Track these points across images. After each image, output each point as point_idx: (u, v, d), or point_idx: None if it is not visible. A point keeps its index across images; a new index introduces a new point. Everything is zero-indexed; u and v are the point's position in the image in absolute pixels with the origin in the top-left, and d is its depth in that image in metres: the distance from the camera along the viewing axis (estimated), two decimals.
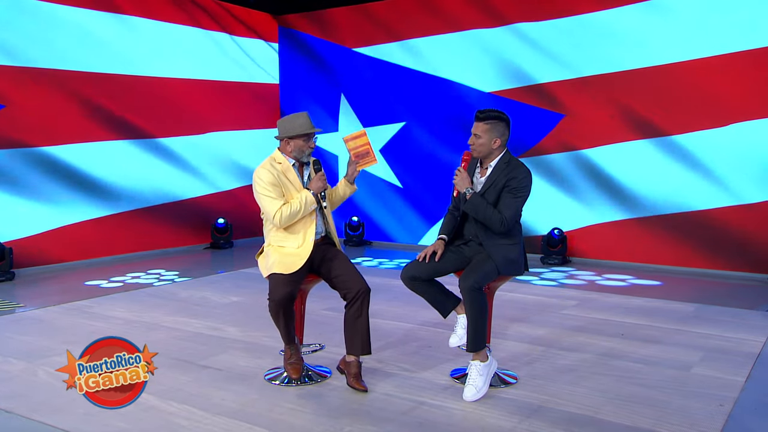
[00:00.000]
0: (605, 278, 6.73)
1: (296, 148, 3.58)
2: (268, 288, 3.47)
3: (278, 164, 3.59)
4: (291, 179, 3.58)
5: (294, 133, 3.54)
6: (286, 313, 3.41)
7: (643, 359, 4.03)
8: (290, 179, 3.58)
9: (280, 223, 3.49)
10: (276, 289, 3.39)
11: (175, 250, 8.39)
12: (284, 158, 3.60)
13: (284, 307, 3.38)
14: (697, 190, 6.94)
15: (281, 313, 3.40)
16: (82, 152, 7.42)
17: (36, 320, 5.00)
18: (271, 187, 3.51)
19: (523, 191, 3.44)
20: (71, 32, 7.29)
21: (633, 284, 6.45)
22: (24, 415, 3.20)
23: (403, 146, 8.77)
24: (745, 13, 6.56)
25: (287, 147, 3.59)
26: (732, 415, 3.19)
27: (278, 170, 3.56)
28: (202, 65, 8.70)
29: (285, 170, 3.58)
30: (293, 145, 3.57)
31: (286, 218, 3.48)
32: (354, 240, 8.95)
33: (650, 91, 7.09)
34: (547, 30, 7.60)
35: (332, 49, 9.21)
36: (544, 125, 7.70)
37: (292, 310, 3.45)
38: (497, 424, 3.09)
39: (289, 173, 3.58)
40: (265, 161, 3.61)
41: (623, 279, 6.69)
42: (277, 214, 3.47)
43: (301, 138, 3.56)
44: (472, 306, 3.34)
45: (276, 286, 3.40)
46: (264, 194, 3.51)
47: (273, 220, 3.50)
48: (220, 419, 3.14)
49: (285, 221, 3.49)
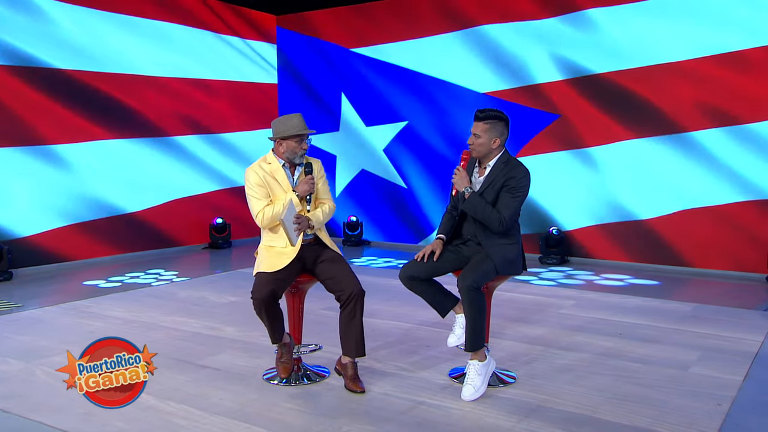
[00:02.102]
0: (603, 278, 6.74)
1: (288, 149, 3.59)
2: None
3: (267, 165, 3.61)
4: (279, 180, 3.60)
5: (286, 134, 3.55)
6: (269, 311, 3.40)
7: (641, 359, 4.03)
8: (278, 180, 3.59)
9: (262, 224, 3.56)
10: (258, 288, 3.39)
11: (173, 250, 8.38)
12: (275, 159, 3.63)
13: (266, 306, 3.38)
14: (696, 189, 6.94)
15: (263, 311, 3.39)
16: (81, 152, 7.41)
17: (34, 320, 5.00)
18: (257, 187, 3.56)
19: (522, 191, 3.44)
20: (69, 30, 7.28)
21: (631, 284, 6.46)
22: (22, 415, 3.20)
23: (404, 146, 8.77)
24: (745, 13, 6.58)
25: (280, 148, 3.61)
26: (730, 415, 3.19)
27: (266, 171, 3.58)
28: (201, 65, 8.69)
29: (274, 171, 3.60)
30: (286, 146, 3.59)
31: (268, 219, 3.53)
32: (352, 240, 8.95)
33: (650, 91, 7.10)
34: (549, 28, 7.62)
35: (331, 48, 9.21)
36: (539, 124, 7.71)
37: (276, 309, 3.44)
38: (495, 423, 3.09)
39: (278, 174, 3.60)
40: (256, 162, 3.65)
41: (621, 279, 6.69)
42: (260, 214, 3.54)
43: (293, 139, 3.57)
44: (471, 305, 3.34)
45: (258, 284, 3.41)
46: (250, 194, 3.58)
47: (256, 220, 3.57)
48: (218, 419, 3.14)
49: (267, 222, 3.54)
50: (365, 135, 9.07)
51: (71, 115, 7.32)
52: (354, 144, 9.17)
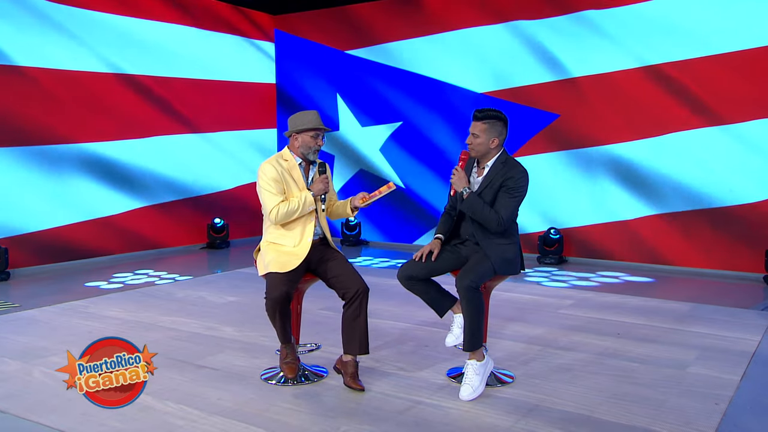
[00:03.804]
0: (601, 278, 6.75)
1: (303, 144, 3.58)
2: (265, 287, 3.47)
3: (284, 161, 3.61)
4: (295, 178, 3.60)
5: (303, 127, 3.55)
6: (282, 312, 3.41)
7: (639, 358, 4.04)
8: (294, 178, 3.59)
9: (275, 220, 3.51)
10: (273, 288, 3.38)
11: (171, 250, 8.38)
12: (291, 156, 3.62)
13: (281, 306, 3.38)
14: (694, 189, 6.95)
15: (277, 312, 3.40)
16: (80, 152, 7.40)
17: (32, 320, 4.99)
18: (273, 182, 3.53)
19: (520, 191, 3.45)
20: (67, 31, 7.28)
21: (629, 284, 6.47)
22: (19, 416, 3.19)
23: (400, 146, 8.77)
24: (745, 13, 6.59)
25: (295, 143, 3.61)
26: (727, 414, 3.20)
27: (283, 167, 3.58)
28: (199, 65, 8.69)
29: (290, 168, 3.60)
30: (301, 140, 3.58)
31: (282, 215, 3.50)
32: (351, 240, 8.95)
33: (648, 91, 7.11)
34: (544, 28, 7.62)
35: (328, 49, 9.21)
36: (538, 125, 7.72)
37: (288, 309, 3.45)
38: (494, 423, 3.09)
39: (294, 171, 3.60)
40: (272, 157, 3.64)
41: (619, 278, 6.70)
42: (275, 210, 3.49)
43: (309, 133, 3.56)
44: (469, 305, 3.34)
45: (273, 284, 3.40)
46: (265, 188, 3.54)
47: (269, 216, 3.53)
48: (216, 419, 3.14)
49: (281, 218, 3.51)
50: (361, 135, 9.08)
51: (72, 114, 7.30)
52: (351, 144, 9.17)
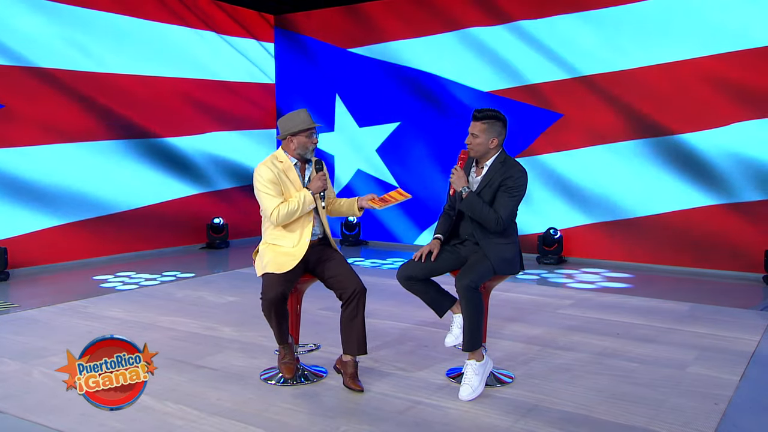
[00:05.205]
0: (600, 278, 6.75)
1: (299, 145, 3.57)
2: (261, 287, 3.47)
3: (279, 162, 3.58)
4: (291, 178, 3.58)
5: (296, 129, 3.53)
6: (278, 312, 3.40)
7: (638, 358, 4.04)
8: (291, 178, 3.57)
9: (277, 221, 3.50)
10: (268, 288, 3.38)
11: (171, 250, 8.38)
12: (286, 157, 3.60)
13: (276, 307, 3.38)
14: (693, 189, 6.96)
15: (273, 313, 3.39)
16: (79, 152, 7.40)
17: (31, 320, 4.99)
18: (271, 184, 3.51)
19: (519, 190, 3.44)
20: (66, 31, 7.27)
21: (628, 283, 6.47)
22: (19, 416, 3.19)
23: (398, 146, 8.77)
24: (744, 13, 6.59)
25: (290, 145, 3.58)
26: (727, 414, 3.20)
27: (279, 168, 3.55)
28: (199, 65, 8.68)
29: (286, 169, 3.57)
30: (296, 142, 3.56)
31: (283, 216, 3.48)
32: (350, 240, 8.95)
33: (647, 91, 7.11)
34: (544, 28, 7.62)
35: (328, 49, 9.21)
36: (540, 125, 7.72)
37: (284, 310, 3.45)
38: (493, 423, 3.09)
39: (290, 172, 3.58)
40: (267, 159, 3.60)
41: (618, 278, 6.70)
42: (275, 211, 3.47)
43: (303, 134, 3.55)
44: (468, 305, 3.34)
45: (269, 285, 3.39)
46: (263, 191, 3.51)
47: (270, 218, 3.51)
48: (215, 419, 3.14)
49: (282, 219, 3.49)
50: (359, 136, 9.08)
51: (67, 114, 7.30)
52: (349, 144, 9.16)
